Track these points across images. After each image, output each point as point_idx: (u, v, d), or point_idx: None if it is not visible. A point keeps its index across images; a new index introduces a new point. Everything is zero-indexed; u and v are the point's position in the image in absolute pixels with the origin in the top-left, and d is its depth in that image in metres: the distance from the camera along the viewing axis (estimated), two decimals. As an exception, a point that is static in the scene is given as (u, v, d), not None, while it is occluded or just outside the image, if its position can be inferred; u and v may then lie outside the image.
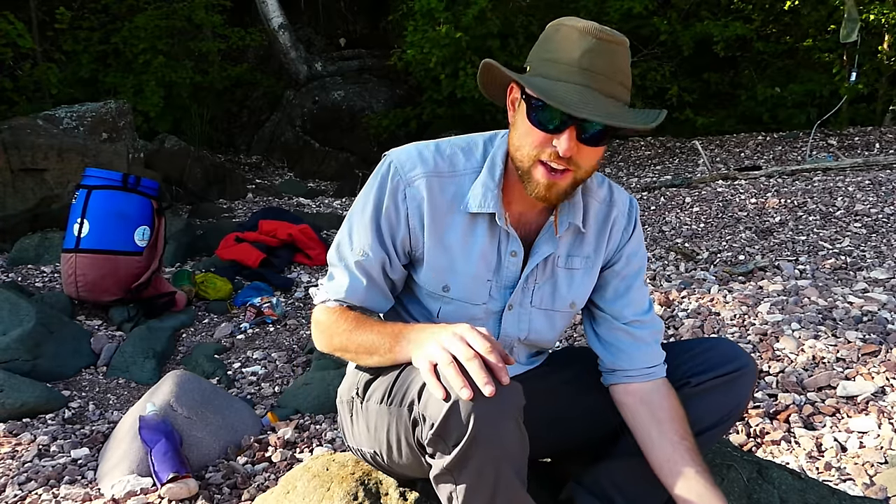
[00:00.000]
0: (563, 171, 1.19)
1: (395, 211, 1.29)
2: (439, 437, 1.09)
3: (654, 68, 8.27)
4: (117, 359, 3.37)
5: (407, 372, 1.20)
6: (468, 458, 1.07)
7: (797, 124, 8.06)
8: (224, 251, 4.70)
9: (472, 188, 1.29)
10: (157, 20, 7.51)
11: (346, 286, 1.32)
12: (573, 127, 1.15)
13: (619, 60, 1.16)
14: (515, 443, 1.10)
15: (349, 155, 8.60)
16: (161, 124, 7.39)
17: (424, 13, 7.39)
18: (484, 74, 1.30)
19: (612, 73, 1.15)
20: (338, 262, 1.34)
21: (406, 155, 1.30)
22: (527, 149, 1.20)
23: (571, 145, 1.15)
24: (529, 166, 1.21)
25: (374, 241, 1.30)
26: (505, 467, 1.10)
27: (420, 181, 1.28)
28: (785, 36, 8.48)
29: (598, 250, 1.38)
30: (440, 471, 1.12)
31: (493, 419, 1.05)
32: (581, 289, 1.39)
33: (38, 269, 4.39)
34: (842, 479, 2.08)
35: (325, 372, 3.03)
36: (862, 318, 2.96)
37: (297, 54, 8.94)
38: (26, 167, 4.86)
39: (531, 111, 1.18)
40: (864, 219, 4.53)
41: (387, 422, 1.24)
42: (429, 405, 1.09)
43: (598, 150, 1.20)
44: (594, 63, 1.14)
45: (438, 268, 1.32)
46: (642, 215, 5.32)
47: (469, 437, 1.05)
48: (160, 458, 2.27)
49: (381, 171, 1.31)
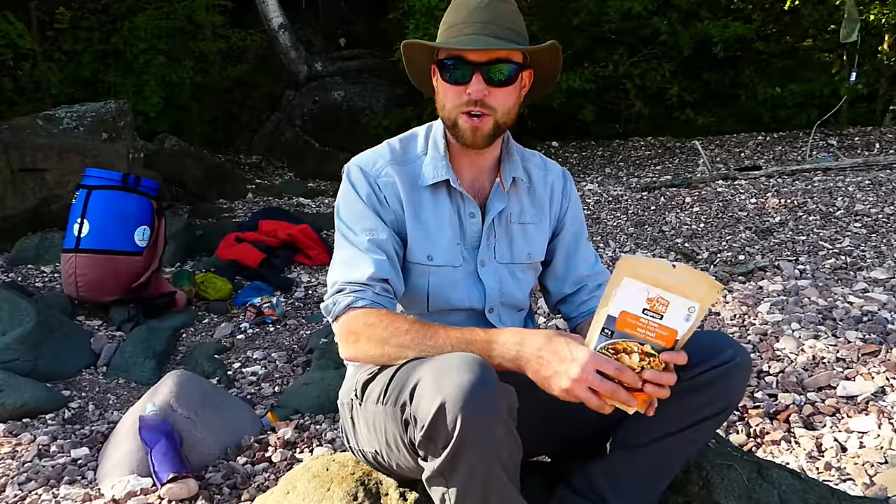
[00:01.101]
0: (481, 115, 1.37)
1: (377, 198, 1.43)
2: (429, 440, 1.10)
3: (654, 68, 8.26)
4: (117, 359, 3.37)
5: (403, 372, 1.21)
6: (458, 461, 1.08)
7: (797, 124, 8.06)
8: (224, 251, 4.70)
9: (423, 166, 1.47)
10: (158, 20, 7.51)
11: (372, 263, 1.35)
12: (478, 73, 1.34)
13: (502, 11, 1.37)
14: (506, 445, 1.10)
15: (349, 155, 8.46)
16: (161, 124, 7.38)
17: (424, 12, 7.39)
18: (407, 61, 1.49)
19: (497, 20, 1.35)
20: (351, 255, 1.38)
21: (363, 158, 1.48)
22: (448, 104, 1.39)
23: (481, 87, 1.34)
24: (455, 118, 1.39)
25: (375, 220, 1.41)
26: (496, 469, 1.10)
27: (386, 169, 1.45)
28: (785, 36, 8.49)
29: (543, 209, 1.55)
30: (431, 473, 1.13)
31: (481, 422, 1.06)
32: (535, 241, 1.54)
33: (38, 269, 4.39)
34: (842, 479, 2.08)
35: (325, 372, 3.03)
36: (862, 318, 2.96)
37: (297, 54, 8.94)
38: (26, 167, 4.86)
39: (444, 72, 1.38)
40: (864, 219, 4.53)
41: (384, 421, 1.25)
42: (419, 407, 1.10)
43: (508, 90, 1.37)
44: (481, 16, 1.35)
45: (420, 239, 1.44)
46: (642, 215, 5.32)
47: (457, 439, 1.06)
48: (160, 458, 2.27)
49: (349, 179, 1.45)
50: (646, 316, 1.15)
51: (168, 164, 6.28)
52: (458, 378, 1.07)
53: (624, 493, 1.38)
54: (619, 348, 1.15)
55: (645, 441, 1.36)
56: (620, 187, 6.49)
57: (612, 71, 8.11)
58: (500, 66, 1.35)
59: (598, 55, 8.25)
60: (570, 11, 8.15)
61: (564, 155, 8.50)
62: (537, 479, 1.54)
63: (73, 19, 7.33)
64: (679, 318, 1.15)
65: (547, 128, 8.94)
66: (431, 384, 1.09)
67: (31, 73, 6.88)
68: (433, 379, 1.10)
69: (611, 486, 1.38)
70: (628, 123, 8.99)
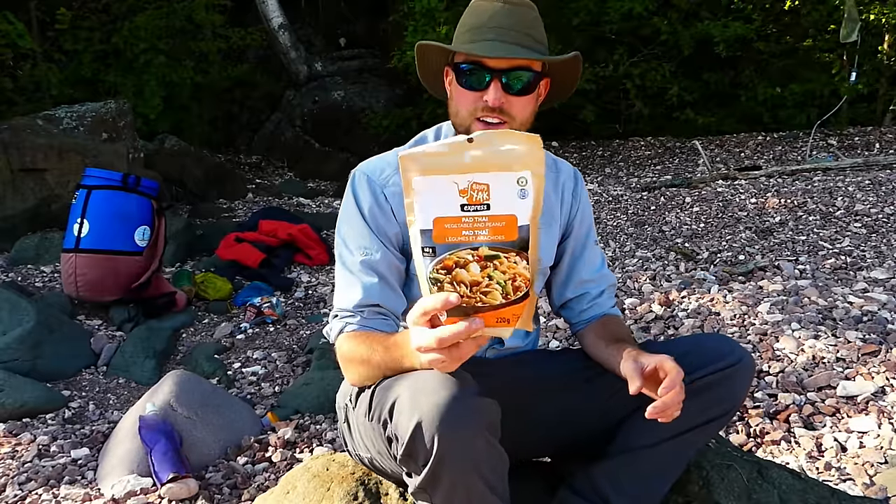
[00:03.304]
0: (497, 123, 1.33)
1: (381, 210, 1.37)
2: (409, 457, 1.10)
3: (654, 68, 8.26)
4: (117, 359, 3.37)
5: (381, 389, 1.20)
6: (438, 477, 1.09)
7: (797, 124, 8.06)
8: (224, 251, 4.70)
9: None
10: (158, 20, 7.50)
11: (361, 289, 1.33)
12: (496, 80, 1.31)
13: (524, 18, 1.33)
14: (487, 459, 1.10)
15: (349, 155, 8.58)
16: (161, 124, 7.38)
17: (424, 13, 7.38)
18: (420, 62, 1.44)
19: (518, 27, 1.31)
20: (344, 277, 1.36)
21: (371, 165, 1.42)
22: (463, 111, 1.35)
23: (499, 95, 1.31)
24: (469, 124, 1.35)
25: (371, 239, 1.36)
26: (477, 484, 1.10)
27: (394, 178, 1.37)
28: (785, 36, 8.48)
29: (554, 212, 1.50)
30: (415, 488, 1.14)
31: (459, 438, 1.05)
32: (545, 246, 1.49)
33: (38, 269, 4.39)
34: (842, 479, 2.08)
35: (325, 372, 3.03)
36: (862, 318, 2.96)
37: (297, 54, 8.94)
38: (26, 167, 4.86)
39: (460, 77, 1.34)
40: (864, 219, 4.53)
41: (371, 436, 1.27)
42: (398, 426, 1.10)
43: (526, 99, 1.34)
44: (501, 21, 1.31)
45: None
46: (642, 215, 5.32)
47: (436, 457, 1.06)
48: (160, 458, 2.27)
49: (354, 185, 1.40)
50: (467, 212, 0.92)
51: (168, 164, 6.28)
52: (435, 397, 1.06)
53: (626, 494, 1.38)
54: (450, 264, 0.93)
55: (648, 443, 1.36)
56: (620, 187, 6.49)
57: (612, 71, 8.10)
58: (520, 73, 1.31)
59: (598, 55, 8.24)
60: (570, 12, 8.14)
61: (564, 155, 8.50)
62: (538, 479, 1.54)
63: (74, 19, 7.32)
64: (510, 197, 0.93)
65: (547, 128, 8.90)
66: (408, 403, 1.09)
67: (31, 73, 6.87)
68: (409, 397, 1.10)
69: (613, 487, 1.38)
70: (628, 123, 8.98)
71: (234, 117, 9.38)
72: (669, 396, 1.17)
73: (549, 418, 1.43)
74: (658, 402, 1.17)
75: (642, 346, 1.41)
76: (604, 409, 1.41)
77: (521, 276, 0.94)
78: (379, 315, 1.34)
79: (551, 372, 1.48)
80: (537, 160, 0.93)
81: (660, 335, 3.10)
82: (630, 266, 4.13)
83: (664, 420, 1.19)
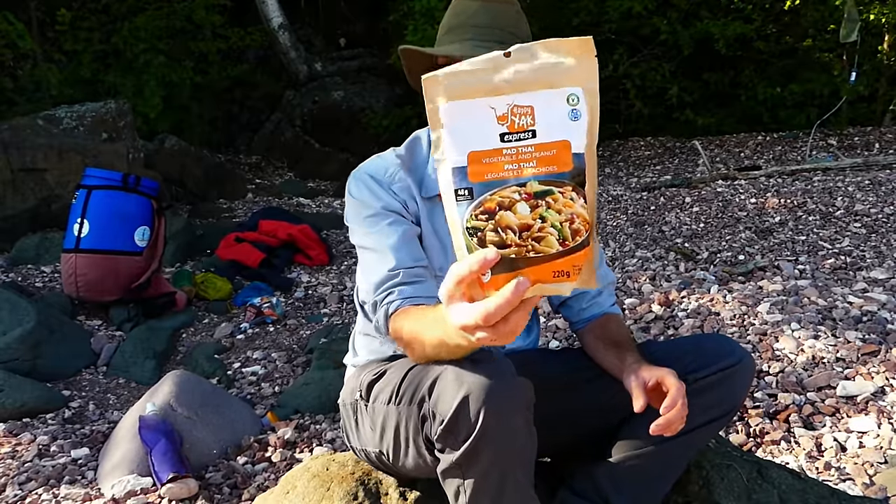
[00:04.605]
0: None
1: (394, 201, 1.36)
2: (449, 433, 1.09)
3: (654, 68, 8.26)
4: (117, 359, 3.37)
5: (416, 372, 1.20)
6: (478, 453, 1.08)
7: (797, 124, 8.05)
8: (224, 251, 4.71)
9: (427, 172, 1.40)
10: (158, 20, 7.51)
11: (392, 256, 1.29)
12: None
13: (503, 15, 1.31)
14: (524, 439, 1.11)
15: (349, 155, 8.58)
16: (161, 124, 7.38)
17: (424, 13, 7.38)
18: (405, 65, 1.44)
19: (497, 24, 1.29)
20: (370, 257, 1.32)
21: (372, 167, 1.40)
22: None
23: None
24: None
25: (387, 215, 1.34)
26: (513, 463, 1.11)
27: (399, 174, 1.38)
28: (785, 36, 8.48)
29: None
30: (448, 465, 1.13)
31: (503, 414, 1.06)
32: None
33: (38, 269, 4.39)
34: (842, 479, 2.08)
35: (325, 372, 3.03)
36: (862, 318, 2.96)
37: (297, 54, 8.93)
38: (26, 167, 4.86)
39: None
40: (863, 219, 4.53)
41: (395, 421, 1.25)
42: (440, 401, 1.10)
43: None
44: (480, 20, 1.30)
45: (436, 249, 1.39)
46: (642, 215, 5.32)
47: (479, 431, 1.06)
48: (160, 458, 2.27)
49: (359, 185, 1.37)
50: (509, 142, 0.75)
51: (168, 164, 6.28)
52: (482, 372, 1.07)
53: (626, 495, 1.38)
54: (492, 207, 0.75)
55: (649, 443, 1.36)
56: (620, 187, 6.49)
57: (612, 71, 8.10)
58: None
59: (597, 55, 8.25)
60: (570, 12, 8.14)
61: (564, 155, 8.49)
62: (538, 480, 1.54)
63: (74, 19, 7.33)
64: (561, 120, 0.76)
65: (547, 128, 8.92)
66: (453, 378, 1.09)
67: (31, 73, 6.88)
68: (454, 373, 1.10)
69: (614, 488, 1.38)
70: (628, 123, 8.98)
71: (234, 117, 9.38)
72: (672, 413, 1.18)
73: (550, 418, 1.42)
74: (661, 420, 1.19)
75: (642, 347, 1.41)
76: (604, 409, 1.41)
77: (580, 216, 0.75)
78: (416, 279, 1.29)
79: (552, 372, 1.48)
80: (590, 73, 0.78)
81: (660, 335, 3.10)
82: (630, 266, 4.14)
83: (668, 434, 1.21)
